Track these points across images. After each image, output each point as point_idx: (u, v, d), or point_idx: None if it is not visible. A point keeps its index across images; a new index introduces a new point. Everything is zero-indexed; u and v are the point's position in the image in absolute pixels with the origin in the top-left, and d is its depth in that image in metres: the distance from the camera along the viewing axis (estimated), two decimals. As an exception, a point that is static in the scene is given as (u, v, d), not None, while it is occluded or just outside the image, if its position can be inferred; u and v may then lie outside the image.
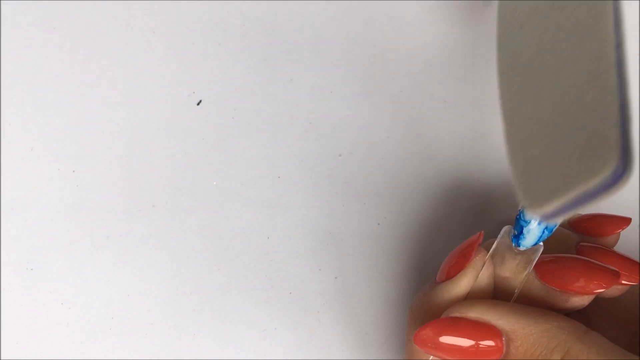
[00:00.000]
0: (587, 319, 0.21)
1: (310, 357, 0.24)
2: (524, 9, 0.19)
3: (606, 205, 0.21)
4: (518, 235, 0.19)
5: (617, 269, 0.19)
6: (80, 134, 0.26)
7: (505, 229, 0.20)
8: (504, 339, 0.18)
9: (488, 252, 0.20)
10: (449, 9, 0.28)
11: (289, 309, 0.25)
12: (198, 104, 0.26)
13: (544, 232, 0.19)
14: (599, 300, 0.21)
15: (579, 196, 0.13)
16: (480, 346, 0.18)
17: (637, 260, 0.21)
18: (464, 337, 0.18)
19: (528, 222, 0.19)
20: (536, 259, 0.19)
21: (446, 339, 0.18)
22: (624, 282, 0.20)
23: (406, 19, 0.28)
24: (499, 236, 0.20)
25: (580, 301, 0.19)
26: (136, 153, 0.26)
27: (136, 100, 0.26)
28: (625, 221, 0.22)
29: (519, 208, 0.19)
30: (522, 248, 0.19)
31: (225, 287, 0.25)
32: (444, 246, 0.25)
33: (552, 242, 0.21)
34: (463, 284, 0.20)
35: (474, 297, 0.20)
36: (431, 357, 0.20)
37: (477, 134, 0.27)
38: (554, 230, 0.19)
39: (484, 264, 0.20)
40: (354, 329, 0.25)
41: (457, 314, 0.19)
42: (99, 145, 0.26)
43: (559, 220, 0.18)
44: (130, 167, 0.26)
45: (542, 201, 0.14)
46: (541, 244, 0.19)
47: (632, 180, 0.26)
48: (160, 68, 0.26)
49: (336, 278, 0.25)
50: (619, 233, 0.22)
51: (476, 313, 0.19)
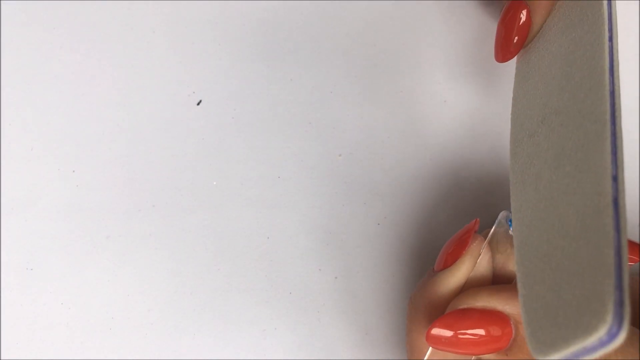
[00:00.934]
0: None
1: (311, 357, 0.25)
2: (533, 115, 0.19)
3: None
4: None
5: None
6: (80, 134, 0.26)
7: (503, 214, 0.20)
8: (512, 323, 0.18)
9: (485, 239, 0.20)
10: (450, 9, 0.28)
11: (289, 309, 0.25)
12: (198, 104, 0.26)
13: None
14: None
15: (577, 350, 0.13)
16: (492, 334, 0.18)
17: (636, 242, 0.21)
18: (476, 328, 0.18)
19: None
20: None
21: (460, 333, 0.18)
22: None
23: (406, 19, 0.28)
24: (496, 222, 0.20)
25: None
26: (136, 153, 0.26)
27: (136, 100, 0.26)
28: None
29: None
30: None
31: (225, 287, 0.25)
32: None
33: None
34: (462, 271, 0.20)
35: (474, 284, 0.20)
36: (431, 347, 0.20)
37: (477, 134, 0.27)
38: None
39: (482, 250, 0.20)
40: (354, 329, 0.25)
41: (464, 306, 0.19)
42: (98, 145, 0.26)
43: None
44: (130, 167, 0.26)
45: (545, 349, 0.14)
46: None
47: (631, 177, 0.26)
48: (160, 68, 0.26)
49: (336, 278, 0.25)
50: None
51: (482, 302, 0.19)
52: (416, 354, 0.21)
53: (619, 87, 0.16)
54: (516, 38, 0.22)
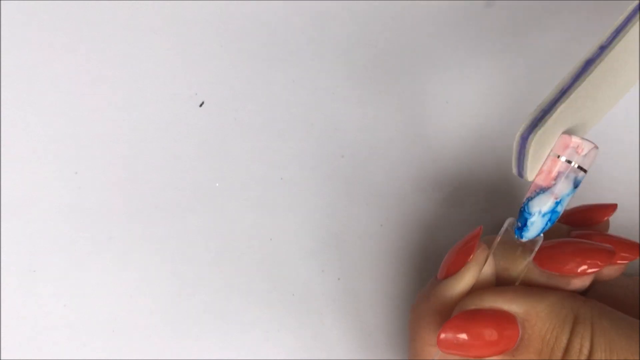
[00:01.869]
0: None
1: (313, 359, 0.25)
2: None
3: (605, 200, 0.21)
4: (522, 227, 0.19)
5: (611, 247, 0.20)
6: (81, 135, 0.26)
7: (509, 221, 0.20)
8: (519, 322, 0.18)
9: (489, 245, 0.20)
10: (451, 10, 0.28)
11: (291, 311, 0.25)
12: (200, 105, 0.26)
13: (546, 224, 0.19)
14: (598, 288, 0.21)
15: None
16: (502, 334, 0.18)
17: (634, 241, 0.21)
18: (486, 329, 0.18)
19: (532, 215, 0.19)
20: (537, 249, 0.20)
21: (472, 335, 0.18)
22: (619, 261, 0.20)
23: (407, 19, 0.28)
24: (502, 228, 0.20)
25: (581, 282, 0.20)
26: (138, 154, 0.26)
27: (138, 102, 0.26)
28: (612, 207, 0.23)
29: (524, 200, 0.19)
30: (524, 240, 0.20)
31: (228, 288, 0.25)
32: (447, 247, 0.25)
33: (545, 235, 0.22)
34: (467, 279, 0.20)
35: (477, 289, 0.20)
36: (435, 355, 0.20)
37: (479, 134, 0.27)
38: (555, 221, 0.19)
39: (487, 258, 0.20)
40: (357, 330, 0.25)
41: (472, 307, 0.19)
42: (100, 147, 0.26)
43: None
44: (132, 169, 0.26)
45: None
46: (542, 235, 0.20)
47: (631, 177, 0.26)
48: (162, 69, 0.26)
49: (339, 279, 0.25)
50: (608, 220, 0.23)
51: (489, 302, 0.19)
52: None
53: None
54: None
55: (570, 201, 0.19)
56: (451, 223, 0.26)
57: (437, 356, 0.20)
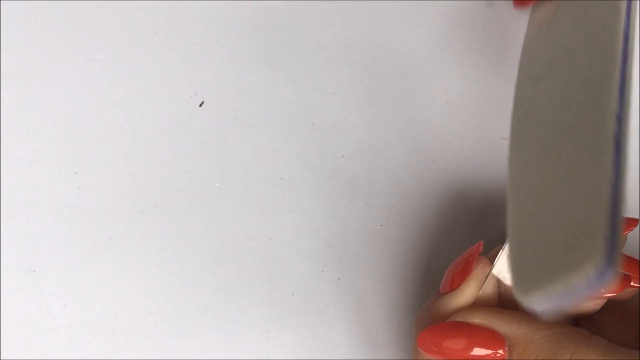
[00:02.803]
0: (596, 324, 0.21)
1: (313, 359, 0.24)
2: (542, 60, 0.18)
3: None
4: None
5: (627, 272, 0.19)
6: (82, 135, 0.26)
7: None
8: (507, 345, 0.18)
9: (493, 260, 0.20)
10: (451, 10, 0.28)
11: (291, 311, 0.25)
12: (200, 105, 0.26)
13: None
14: (608, 305, 0.21)
15: (562, 290, 0.12)
16: (484, 353, 0.18)
17: None
18: (468, 342, 0.18)
19: None
20: None
21: (449, 343, 0.18)
22: (633, 284, 0.20)
23: (408, 20, 0.28)
24: (504, 246, 0.20)
25: (591, 306, 0.19)
26: (138, 154, 0.26)
27: (138, 102, 0.26)
28: (633, 222, 0.22)
29: None
30: None
31: (228, 288, 0.25)
32: (447, 247, 0.25)
33: None
34: (466, 294, 0.20)
35: (479, 305, 0.20)
36: None
37: (479, 135, 0.27)
38: None
39: (488, 273, 0.20)
40: (357, 330, 0.25)
41: (460, 319, 0.19)
42: (100, 147, 0.26)
43: (552, 314, 0.15)
44: (133, 169, 0.26)
45: (529, 288, 0.13)
46: None
47: (632, 177, 0.26)
48: (162, 69, 0.26)
49: (339, 279, 0.25)
50: (626, 235, 0.22)
51: (480, 319, 0.19)
52: None
53: (634, 29, 0.16)
54: None
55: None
56: (451, 223, 0.26)
57: None
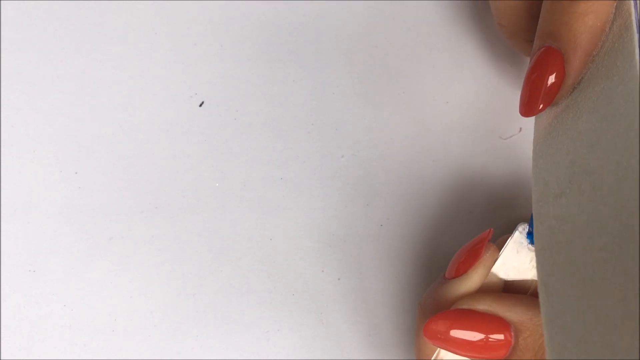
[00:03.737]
0: None
1: (314, 359, 0.24)
2: (559, 174, 0.18)
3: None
4: (533, 232, 0.19)
5: None
6: (82, 135, 0.26)
7: (520, 226, 0.20)
8: (512, 331, 0.18)
9: (500, 249, 0.20)
10: (452, 10, 0.28)
11: (292, 311, 0.25)
12: (200, 105, 0.26)
13: None
14: None
15: None
16: (490, 339, 0.18)
17: None
18: (473, 330, 0.18)
19: None
20: None
21: (455, 332, 0.18)
22: None
23: (408, 20, 0.28)
24: (513, 234, 0.20)
25: None
26: (138, 154, 0.26)
27: (138, 102, 0.26)
28: None
29: (534, 206, 0.19)
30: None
31: (228, 288, 0.25)
32: (447, 247, 0.25)
33: None
34: (474, 280, 0.20)
35: (483, 291, 0.20)
36: (439, 352, 0.20)
37: (479, 135, 0.27)
38: None
39: (495, 260, 0.20)
40: (357, 330, 0.25)
41: (465, 306, 0.19)
42: (100, 147, 0.26)
43: None
44: (132, 169, 0.26)
45: None
46: None
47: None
48: (162, 69, 0.26)
49: (339, 279, 0.25)
50: None
51: (485, 305, 0.19)
52: (424, 358, 0.21)
53: None
54: (541, 105, 0.20)
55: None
56: (452, 223, 0.26)
57: (440, 353, 0.20)
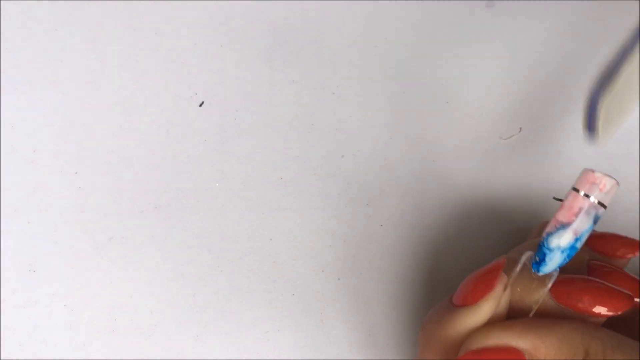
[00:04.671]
0: None
1: (314, 359, 0.24)
2: None
3: (607, 210, 0.21)
4: (540, 262, 0.19)
5: (630, 294, 0.19)
6: (82, 135, 0.26)
7: (527, 255, 0.20)
8: (527, 358, 0.18)
9: (507, 279, 0.20)
10: (451, 10, 0.28)
11: (292, 311, 0.25)
12: (200, 105, 0.26)
13: (565, 259, 0.19)
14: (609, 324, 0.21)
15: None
16: None
17: None
18: None
19: (551, 250, 0.19)
20: (551, 283, 0.19)
21: None
22: (637, 300, 0.20)
23: (408, 20, 0.28)
24: (519, 262, 0.20)
25: (596, 319, 0.19)
26: (138, 154, 0.26)
27: (138, 102, 0.26)
28: (638, 246, 0.22)
29: (543, 235, 0.19)
30: (540, 274, 0.19)
31: (228, 288, 0.25)
32: (447, 247, 0.25)
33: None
34: (484, 312, 0.19)
35: (489, 320, 0.20)
36: None
37: (479, 135, 0.27)
38: (572, 256, 0.19)
39: (505, 290, 0.19)
40: (357, 330, 0.25)
41: (476, 346, 0.18)
42: (101, 147, 0.26)
43: None
44: (133, 169, 0.26)
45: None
46: (557, 269, 0.19)
47: (632, 177, 0.26)
48: (162, 69, 0.26)
49: (339, 279, 0.25)
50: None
51: (495, 339, 0.18)
52: None
53: None
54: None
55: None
56: (451, 223, 0.26)
57: None
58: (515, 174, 0.26)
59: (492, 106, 0.27)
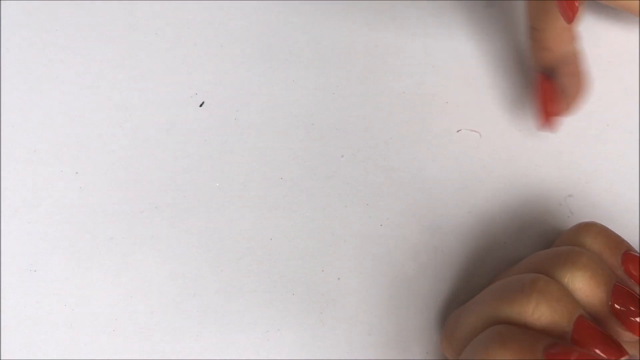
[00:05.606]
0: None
1: (314, 358, 0.24)
2: None
3: (607, 210, 0.21)
4: None
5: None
6: (82, 135, 0.26)
7: None
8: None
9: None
10: (451, 10, 0.28)
11: (292, 310, 0.25)
12: (200, 105, 0.26)
13: None
14: None
15: None
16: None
17: None
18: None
19: None
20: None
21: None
22: None
23: (408, 20, 0.28)
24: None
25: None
26: (139, 155, 0.26)
27: (139, 102, 0.26)
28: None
29: None
30: None
31: (228, 288, 0.25)
32: (446, 247, 0.25)
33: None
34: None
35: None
36: None
37: (479, 134, 0.27)
38: None
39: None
40: (357, 329, 0.25)
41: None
42: (101, 147, 0.26)
43: None
44: (133, 169, 0.26)
45: None
46: None
47: (632, 177, 0.26)
48: (162, 70, 0.26)
49: (339, 279, 0.25)
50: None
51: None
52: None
53: None
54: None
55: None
56: (451, 222, 0.26)
57: None
58: (516, 174, 0.26)
59: (492, 106, 0.27)
